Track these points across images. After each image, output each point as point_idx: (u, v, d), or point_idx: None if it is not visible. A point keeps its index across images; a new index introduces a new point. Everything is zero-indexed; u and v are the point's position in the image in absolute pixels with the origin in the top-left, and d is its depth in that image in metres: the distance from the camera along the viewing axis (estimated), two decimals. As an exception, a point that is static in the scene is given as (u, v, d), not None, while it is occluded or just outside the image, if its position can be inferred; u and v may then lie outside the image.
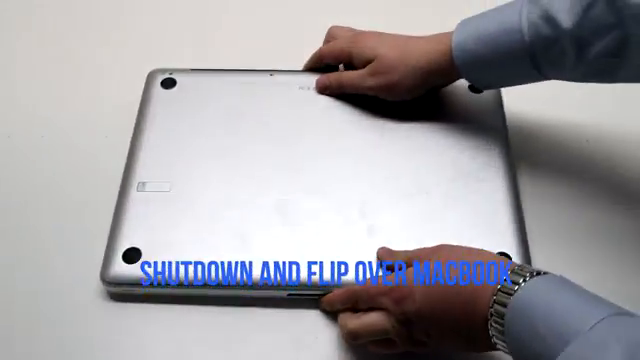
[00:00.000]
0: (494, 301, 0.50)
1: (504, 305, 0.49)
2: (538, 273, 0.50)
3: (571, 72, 0.62)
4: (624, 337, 0.43)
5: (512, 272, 0.51)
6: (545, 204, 0.69)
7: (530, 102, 0.75)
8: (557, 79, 0.64)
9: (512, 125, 0.73)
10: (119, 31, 0.86)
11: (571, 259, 0.53)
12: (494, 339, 0.50)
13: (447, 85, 0.72)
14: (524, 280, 0.49)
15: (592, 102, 0.75)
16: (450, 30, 0.67)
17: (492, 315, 0.50)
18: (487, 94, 0.73)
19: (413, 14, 0.87)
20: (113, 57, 0.83)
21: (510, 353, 0.50)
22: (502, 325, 0.49)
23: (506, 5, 0.65)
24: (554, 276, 0.50)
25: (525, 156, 0.72)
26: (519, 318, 0.48)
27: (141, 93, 0.75)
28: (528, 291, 0.49)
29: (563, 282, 0.50)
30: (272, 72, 0.76)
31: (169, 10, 0.88)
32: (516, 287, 0.49)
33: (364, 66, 0.71)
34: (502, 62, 0.64)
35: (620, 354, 0.42)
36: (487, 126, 0.72)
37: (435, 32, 0.69)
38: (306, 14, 0.87)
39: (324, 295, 0.62)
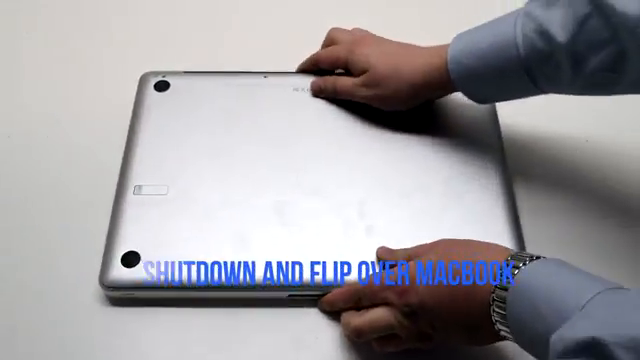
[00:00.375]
0: (496, 286, 0.51)
1: (505, 289, 0.50)
2: (537, 257, 0.51)
3: (568, 86, 0.61)
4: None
5: (512, 258, 0.52)
6: (541, 216, 0.69)
7: (525, 112, 0.74)
8: (555, 93, 0.63)
9: (507, 137, 0.73)
10: (116, 33, 0.85)
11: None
12: (497, 325, 0.51)
13: (443, 97, 0.72)
14: (524, 264, 0.51)
15: (588, 113, 0.74)
16: (452, 31, 0.66)
17: (494, 300, 0.51)
18: (482, 105, 0.72)
19: (411, 14, 0.88)
20: (112, 59, 0.82)
21: (513, 339, 0.51)
22: (504, 309, 0.50)
23: (501, 18, 0.64)
24: (553, 259, 0.52)
25: (520, 167, 0.72)
26: (520, 300, 0.49)
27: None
28: (528, 274, 0.50)
29: (562, 264, 0.51)
30: (266, 74, 0.76)
31: (163, 12, 0.88)
32: (516, 271, 0.50)
33: (359, 74, 0.71)
34: (498, 76, 0.63)
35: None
36: (482, 136, 0.72)
37: (434, 32, 0.68)
38: (300, 16, 0.87)
39: (323, 295, 0.62)
